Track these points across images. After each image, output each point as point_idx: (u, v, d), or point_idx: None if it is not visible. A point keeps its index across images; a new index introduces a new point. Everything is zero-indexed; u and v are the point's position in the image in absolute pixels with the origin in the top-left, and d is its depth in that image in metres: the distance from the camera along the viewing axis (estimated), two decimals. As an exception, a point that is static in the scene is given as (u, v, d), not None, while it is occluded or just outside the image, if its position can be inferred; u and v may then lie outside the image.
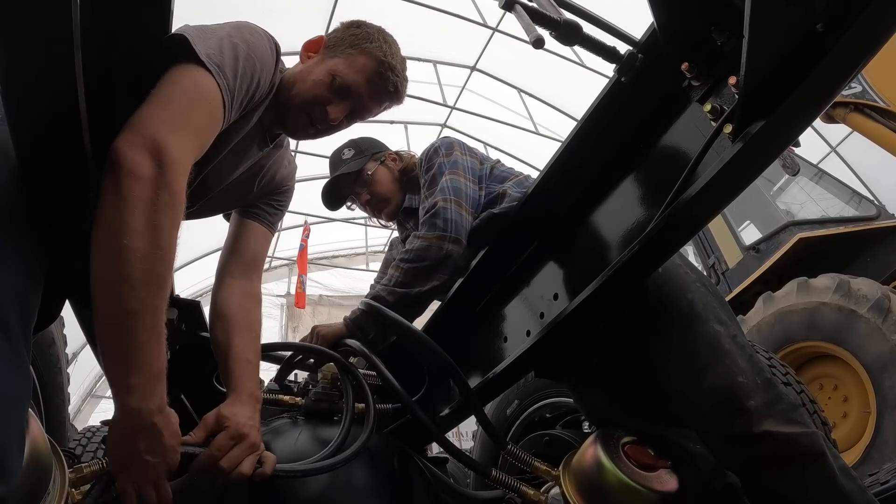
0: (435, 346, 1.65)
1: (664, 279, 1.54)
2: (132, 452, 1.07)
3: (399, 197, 2.38)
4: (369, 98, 1.63)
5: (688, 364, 1.43)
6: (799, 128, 1.10)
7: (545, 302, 1.71)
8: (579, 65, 9.20)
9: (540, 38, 1.13)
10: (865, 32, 0.92)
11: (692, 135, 1.31)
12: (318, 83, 1.57)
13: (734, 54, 1.08)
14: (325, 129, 1.63)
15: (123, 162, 1.04)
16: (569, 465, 1.56)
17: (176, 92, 1.19)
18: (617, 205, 1.56)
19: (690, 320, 1.47)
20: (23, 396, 1.01)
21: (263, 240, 1.77)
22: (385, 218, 2.45)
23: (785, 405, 1.36)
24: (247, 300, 1.62)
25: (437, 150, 2.19)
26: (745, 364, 1.40)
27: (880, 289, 3.73)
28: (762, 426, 1.32)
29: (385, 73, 1.62)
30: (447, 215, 1.95)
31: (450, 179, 2.07)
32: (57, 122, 0.99)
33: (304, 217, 10.77)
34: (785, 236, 4.98)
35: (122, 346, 1.03)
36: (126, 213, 1.03)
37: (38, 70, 0.92)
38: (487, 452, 2.51)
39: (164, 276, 1.07)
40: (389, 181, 2.38)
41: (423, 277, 1.96)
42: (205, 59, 1.24)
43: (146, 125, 1.10)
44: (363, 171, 2.36)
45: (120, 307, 1.01)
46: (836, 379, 4.03)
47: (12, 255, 1.02)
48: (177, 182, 1.10)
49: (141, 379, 1.04)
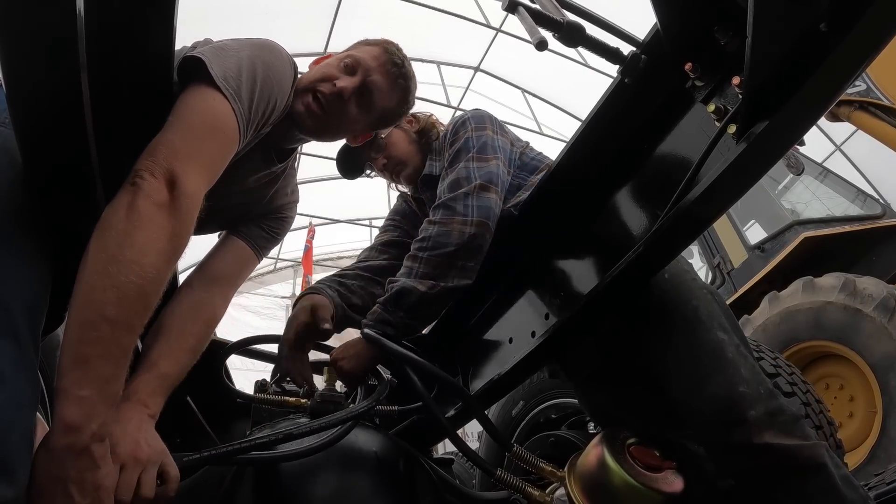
0: (435, 369, 1.64)
1: (670, 284, 1.52)
2: (56, 479, 0.95)
3: (417, 159, 2.22)
4: (378, 72, 1.63)
5: (689, 371, 1.42)
6: (803, 127, 1.10)
7: (550, 303, 1.71)
8: (583, 65, 9.20)
9: (543, 40, 1.13)
10: (869, 32, 0.92)
11: (696, 135, 1.31)
12: (327, 65, 1.62)
13: (738, 54, 1.08)
14: (333, 101, 1.58)
15: (143, 185, 1.07)
16: (574, 466, 1.55)
17: (194, 120, 1.21)
18: (621, 206, 1.55)
19: (694, 326, 1.45)
20: (31, 402, 1.02)
21: (243, 260, 1.73)
22: (405, 182, 2.28)
23: (786, 417, 1.34)
24: (191, 311, 1.52)
25: (465, 122, 2.02)
26: (748, 374, 1.39)
27: (886, 288, 3.72)
28: (763, 437, 1.31)
29: (394, 58, 1.65)
30: (468, 201, 1.76)
31: (477, 159, 1.88)
32: (62, 127, 1.00)
33: (309, 219, 10.80)
34: (790, 235, 4.96)
35: (87, 350, 0.97)
36: (136, 229, 1.03)
37: (43, 76, 0.93)
38: (493, 453, 2.51)
39: (151, 302, 1.05)
40: (405, 143, 2.24)
41: (449, 266, 1.73)
42: (221, 83, 1.25)
43: (166, 154, 1.12)
44: (377, 134, 2.18)
45: (100, 311, 0.98)
46: (841, 378, 4.02)
47: (21, 258, 1.03)
48: (189, 215, 1.13)
49: (93, 393, 0.96)
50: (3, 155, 1.05)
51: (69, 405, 0.95)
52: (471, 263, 1.75)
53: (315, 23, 8.10)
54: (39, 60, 0.91)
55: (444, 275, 1.73)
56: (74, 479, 0.95)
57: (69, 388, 0.96)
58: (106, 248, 1.02)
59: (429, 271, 1.73)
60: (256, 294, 12.19)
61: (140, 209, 1.05)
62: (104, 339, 0.98)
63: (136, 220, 1.04)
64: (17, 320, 0.98)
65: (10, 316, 0.98)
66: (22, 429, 0.97)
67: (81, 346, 0.97)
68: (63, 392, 0.96)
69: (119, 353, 1.01)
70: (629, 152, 1.52)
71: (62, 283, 1.17)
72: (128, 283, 1.00)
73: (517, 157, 2.06)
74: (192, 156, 1.16)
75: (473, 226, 1.73)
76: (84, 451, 0.96)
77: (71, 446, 0.95)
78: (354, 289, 2.08)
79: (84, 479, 0.96)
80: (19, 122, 1.00)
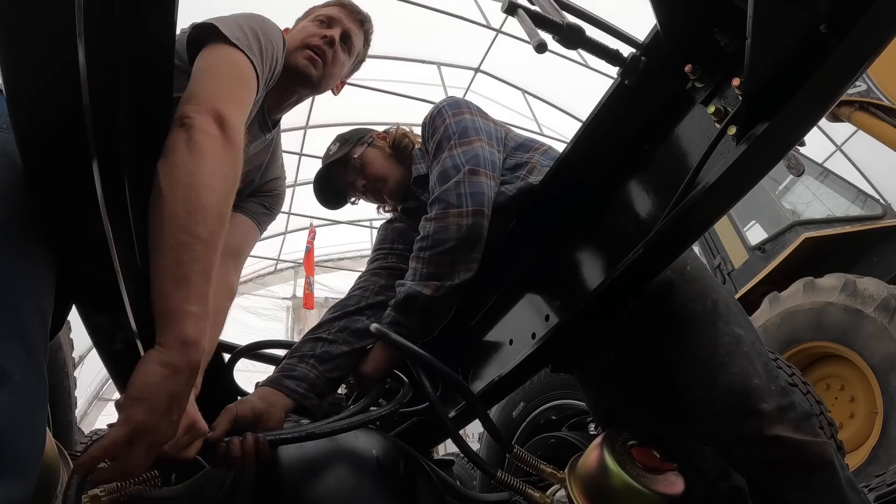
0: (441, 365, 1.65)
1: (691, 277, 1.54)
2: (174, 396, 1.00)
3: (396, 173, 2.13)
4: (349, 20, 1.87)
5: (705, 360, 1.43)
6: (803, 129, 1.10)
7: (550, 305, 1.71)
8: (583, 65, 9.19)
9: (543, 42, 1.13)
10: (868, 33, 0.93)
11: (696, 137, 1.31)
12: (306, 27, 1.83)
13: (737, 55, 1.08)
14: (327, 49, 1.78)
15: (195, 123, 1.16)
16: (574, 467, 1.55)
17: (222, 71, 1.34)
18: (621, 207, 1.55)
19: (713, 318, 1.47)
20: (40, 404, 1.02)
21: (250, 233, 1.83)
22: (390, 199, 2.19)
23: (798, 413, 1.36)
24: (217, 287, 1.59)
25: (440, 111, 1.93)
26: (762, 369, 1.40)
27: (887, 288, 3.72)
28: (773, 430, 1.32)
29: (353, 7, 1.91)
30: (460, 189, 1.72)
31: (459, 144, 1.82)
32: (62, 131, 0.99)
33: (310, 220, 10.80)
34: (791, 236, 4.96)
35: (187, 269, 1.04)
36: (202, 159, 1.13)
37: (43, 80, 0.93)
38: (493, 454, 2.51)
39: (227, 220, 1.16)
40: (381, 159, 2.14)
41: (452, 262, 1.71)
42: (236, 41, 1.38)
43: (206, 98, 1.23)
44: (349, 156, 2.13)
45: (192, 233, 1.05)
46: (842, 379, 4.02)
47: (28, 261, 1.04)
48: (238, 142, 1.24)
49: (200, 310, 1.04)
50: (5, 159, 1.06)
51: (185, 322, 1.01)
52: (473, 254, 1.73)
53: (315, 24, 8.13)
54: (39, 65, 0.91)
55: (448, 273, 1.71)
56: (185, 394, 1.02)
57: (179, 306, 1.02)
58: (179, 179, 1.09)
59: (432, 271, 1.71)
60: (257, 295, 12.21)
61: (199, 142, 1.14)
62: (200, 258, 1.06)
63: (199, 152, 1.13)
64: (27, 322, 0.99)
65: (19, 318, 0.99)
66: (31, 431, 0.98)
67: (181, 267, 1.04)
68: (173, 311, 1.02)
69: (211, 269, 1.09)
70: (629, 154, 1.52)
71: (63, 286, 1.17)
72: (209, 204, 1.09)
73: (503, 137, 2.00)
74: (231, 98, 1.29)
75: (469, 216, 1.70)
76: (192, 371, 1.02)
77: (191, 362, 1.02)
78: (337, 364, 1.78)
79: (180, 400, 1.02)
80: (19, 127, 1.00)
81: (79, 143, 1.02)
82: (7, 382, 0.94)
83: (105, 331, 1.55)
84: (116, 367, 1.69)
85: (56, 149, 1.04)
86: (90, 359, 7.68)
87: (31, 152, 1.04)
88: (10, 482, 0.91)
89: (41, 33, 0.87)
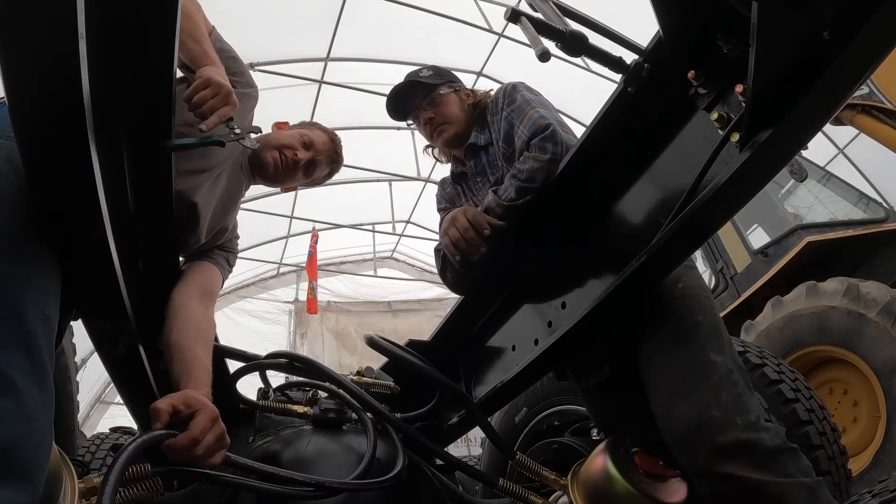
0: (438, 375, 1.66)
1: (680, 294, 1.51)
2: None
3: (462, 126, 2.26)
4: (324, 154, 2.18)
5: (670, 385, 1.41)
6: (807, 136, 1.10)
7: (553, 311, 1.71)
8: (586, 70, 9.19)
9: (546, 50, 1.13)
10: (872, 40, 0.92)
11: (699, 143, 1.31)
12: (291, 136, 2.13)
13: (740, 61, 1.07)
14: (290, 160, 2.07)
15: None
16: (577, 474, 1.55)
17: None
18: (624, 214, 1.55)
19: (688, 341, 1.43)
20: (46, 411, 1.03)
21: (217, 279, 1.98)
22: (441, 143, 2.31)
23: (763, 450, 1.28)
24: (205, 321, 1.70)
25: (515, 86, 2.14)
26: (730, 400, 1.34)
27: (889, 292, 3.70)
28: (725, 467, 1.28)
29: (336, 146, 2.24)
30: (558, 138, 1.83)
31: (542, 106, 1.99)
32: (64, 139, 1.00)
33: (313, 224, 10.80)
34: (793, 240, 4.95)
35: (197, 33, 1.57)
36: None
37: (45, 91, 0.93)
38: (496, 460, 2.50)
39: None
40: (457, 108, 2.28)
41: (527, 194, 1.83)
42: None
43: None
44: (436, 88, 2.28)
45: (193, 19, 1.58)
46: (845, 383, 4.00)
47: (34, 268, 1.05)
48: None
49: None
50: (9, 167, 1.07)
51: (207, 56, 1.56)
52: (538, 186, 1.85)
53: (318, 29, 8.11)
54: (41, 77, 0.91)
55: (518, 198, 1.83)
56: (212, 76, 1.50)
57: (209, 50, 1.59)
58: None
59: (512, 197, 1.84)
60: (259, 299, 12.18)
61: None
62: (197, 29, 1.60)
63: None
64: (32, 329, 1.00)
65: (24, 325, 1.00)
66: (37, 438, 0.99)
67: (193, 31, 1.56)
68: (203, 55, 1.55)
69: None
70: (632, 160, 1.52)
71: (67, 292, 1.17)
72: None
73: None
74: None
75: (557, 164, 1.80)
76: None
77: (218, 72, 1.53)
78: None
79: None
80: (22, 136, 1.00)
81: (81, 150, 1.02)
82: (12, 391, 0.95)
83: (107, 335, 1.55)
84: (118, 371, 1.70)
85: (58, 156, 1.04)
86: (92, 362, 7.69)
87: (34, 160, 1.04)
88: (16, 488, 0.93)
89: (42, 46, 0.88)
